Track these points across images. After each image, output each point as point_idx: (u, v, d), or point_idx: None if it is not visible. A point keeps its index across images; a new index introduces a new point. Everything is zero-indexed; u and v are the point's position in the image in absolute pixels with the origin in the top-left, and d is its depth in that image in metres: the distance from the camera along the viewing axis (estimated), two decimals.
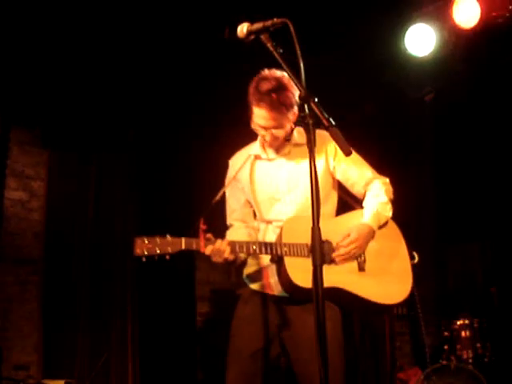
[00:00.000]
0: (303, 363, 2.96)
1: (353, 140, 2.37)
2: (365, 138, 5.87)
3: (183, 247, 2.84)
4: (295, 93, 2.93)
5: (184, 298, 5.63)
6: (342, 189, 3.24)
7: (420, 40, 5.21)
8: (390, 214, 3.13)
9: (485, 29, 5.00)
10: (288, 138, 3.09)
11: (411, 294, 3.08)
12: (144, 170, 5.47)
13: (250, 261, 3.20)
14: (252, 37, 2.54)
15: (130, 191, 5.41)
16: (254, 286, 3.16)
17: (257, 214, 3.21)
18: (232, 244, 2.89)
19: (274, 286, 3.06)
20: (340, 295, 2.97)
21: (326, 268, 2.73)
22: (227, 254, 2.88)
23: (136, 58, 5.01)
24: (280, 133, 3.00)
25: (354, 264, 3.01)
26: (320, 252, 2.24)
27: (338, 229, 3.04)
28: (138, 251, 2.83)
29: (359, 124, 5.86)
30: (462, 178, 6.24)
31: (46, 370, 4.84)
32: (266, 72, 2.99)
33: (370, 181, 3.18)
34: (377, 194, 3.14)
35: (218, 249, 2.86)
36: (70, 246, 5.12)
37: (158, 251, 2.83)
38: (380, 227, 3.08)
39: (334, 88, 5.33)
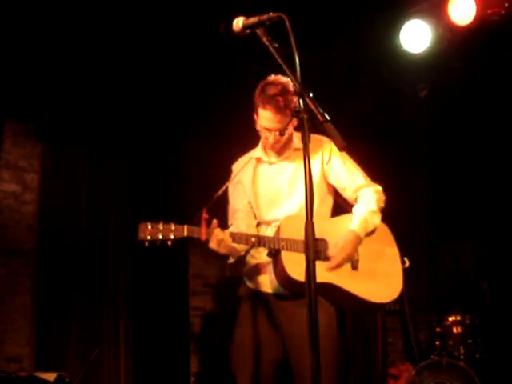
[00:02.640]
0: (301, 362, 3.02)
1: (346, 136, 2.38)
2: (358, 133, 5.90)
3: (185, 234, 2.92)
4: (295, 98, 2.98)
5: (177, 292, 5.62)
6: (337, 194, 3.38)
7: (415, 36, 5.22)
8: (378, 222, 3.25)
9: (480, 26, 5.02)
10: (288, 143, 3.23)
11: (401, 295, 3.23)
12: (138, 163, 5.46)
13: (249, 260, 3.31)
14: (247, 31, 2.55)
15: (123, 184, 5.40)
16: (251, 285, 3.28)
17: (257, 215, 3.31)
18: (232, 235, 2.99)
19: (269, 283, 3.18)
20: (332, 291, 3.08)
21: (320, 264, 2.88)
22: (228, 244, 2.98)
23: (131, 54, 5.01)
24: (283, 136, 3.14)
25: (348, 263, 3.14)
26: (313, 247, 2.26)
27: (333, 229, 3.18)
28: (141, 235, 2.91)
29: (353, 120, 5.85)
30: (456, 176, 6.25)
31: (38, 362, 4.83)
32: (273, 77, 3.13)
33: (361, 188, 3.30)
34: (367, 202, 3.26)
35: (220, 238, 2.95)
36: (63, 239, 5.10)
37: (161, 236, 2.90)
38: (369, 234, 3.21)
39: (329, 83, 5.33)
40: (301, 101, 2.36)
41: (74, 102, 5.15)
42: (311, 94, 2.38)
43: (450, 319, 5.22)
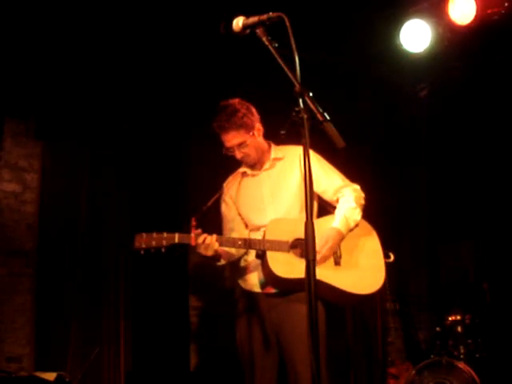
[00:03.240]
0: (293, 357, 3.30)
1: (346, 136, 2.38)
2: (358, 133, 5.90)
3: (176, 241, 3.22)
4: (249, 113, 3.43)
5: (177, 292, 5.62)
6: (321, 198, 3.58)
7: (415, 36, 5.22)
8: (358, 217, 3.45)
9: (480, 26, 5.01)
10: (263, 154, 3.53)
11: (383, 287, 3.39)
12: (138, 162, 5.46)
13: (241, 263, 3.56)
14: (247, 31, 2.56)
15: (123, 184, 5.40)
16: (244, 285, 3.51)
17: (247, 223, 3.56)
18: (218, 239, 3.25)
19: (258, 282, 3.43)
20: (318, 287, 3.10)
21: (303, 262, 2.91)
22: (216, 247, 3.24)
23: (131, 53, 5.00)
24: (245, 150, 3.43)
25: (331, 259, 3.35)
26: (313, 247, 2.29)
27: (316, 229, 3.22)
28: (136, 245, 3.21)
29: (353, 120, 5.86)
30: (455, 176, 6.24)
31: (38, 362, 4.84)
32: (220, 104, 3.48)
33: (340, 188, 3.52)
34: (346, 200, 3.47)
35: (207, 243, 3.22)
36: (64, 239, 5.10)
37: (154, 244, 3.19)
38: (351, 229, 3.42)
39: (329, 83, 5.33)
40: (300, 100, 2.36)
41: (75, 102, 5.15)
42: (311, 94, 2.38)
43: (450, 319, 5.22)
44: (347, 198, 3.48)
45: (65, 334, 4.94)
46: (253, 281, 3.46)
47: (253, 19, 2.54)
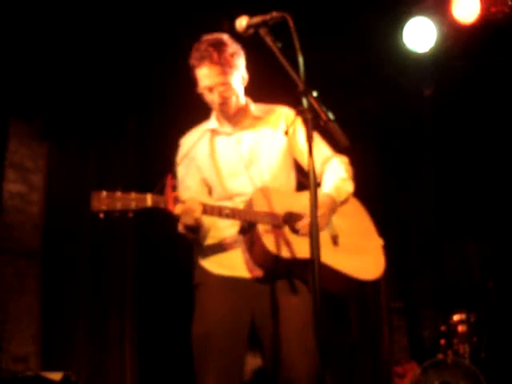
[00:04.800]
0: (287, 364, 2.77)
1: (351, 135, 2.39)
2: (362, 133, 5.91)
3: (149, 204, 2.62)
4: (237, 52, 2.92)
5: (183, 293, 5.62)
6: (298, 170, 3.12)
7: (419, 35, 5.21)
8: (350, 189, 3.01)
9: (484, 24, 5.01)
10: (242, 109, 2.99)
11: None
12: (145, 162, 5.46)
13: (209, 241, 2.99)
14: (251, 31, 2.56)
15: (129, 184, 5.40)
16: (220, 270, 2.95)
17: (216, 190, 3.01)
18: (204, 205, 2.69)
19: (245, 265, 2.87)
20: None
21: (300, 240, 2.72)
22: (198, 214, 2.66)
23: (134, 46, 5.00)
24: (228, 92, 2.89)
25: (327, 238, 2.88)
26: (318, 246, 2.19)
27: (300, 202, 2.87)
28: (95, 205, 2.57)
29: (357, 119, 5.86)
30: (461, 176, 6.24)
31: (44, 361, 4.86)
32: (205, 36, 2.95)
33: (328, 159, 3.06)
34: (335, 170, 3.03)
35: (189, 207, 2.64)
36: (69, 239, 5.12)
37: (119, 207, 2.58)
38: (342, 201, 2.95)
39: (332, 83, 5.33)
40: (304, 100, 2.37)
41: (80, 102, 5.16)
42: (315, 94, 2.39)
43: (455, 318, 5.21)
44: (336, 168, 3.04)
45: (71, 333, 4.96)
46: (232, 262, 2.89)
47: (256, 19, 2.55)
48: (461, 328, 5.15)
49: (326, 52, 5.26)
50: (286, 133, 2.74)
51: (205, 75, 2.87)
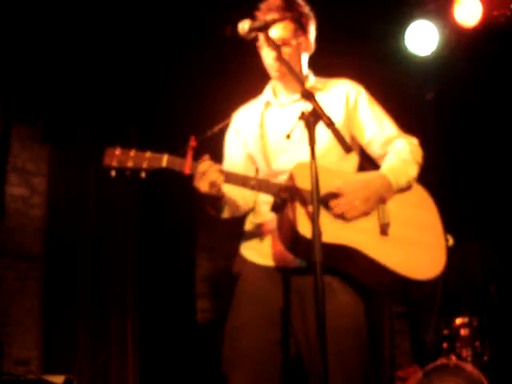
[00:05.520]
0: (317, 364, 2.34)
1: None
2: None
3: (163, 164, 2.47)
4: (311, 16, 2.80)
5: (184, 295, 5.63)
6: (363, 156, 2.87)
7: (421, 38, 5.21)
8: (413, 173, 2.70)
9: (486, 27, 5.00)
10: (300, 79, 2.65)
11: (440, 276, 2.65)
12: None
13: (247, 226, 2.80)
14: (253, 34, 2.56)
15: (132, 186, 5.40)
16: (255, 258, 2.72)
17: (261, 167, 2.79)
18: (225, 172, 2.48)
19: (283, 254, 2.57)
20: (352, 259, 2.48)
21: (337, 224, 2.46)
22: (218, 181, 2.44)
23: (138, 53, 5.01)
24: (290, 52, 2.68)
25: (375, 225, 2.54)
26: (320, 248, 2.11)
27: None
28: (107, 161, 2.52)
29: None
30: (463, 178, 6.23)
31: (46, 365, 4.85)
32: None
33: (392, 140, 2.77)
34: (398, 152, 2.73)
35: (205, 171, 2.43)
36: (71, 242, 5.12)
37: (131, 164, 2.47)
38: (402, 187, 2.65)
39: None
40: (307, 104, 2.35)
41: (81, 105, 5.16)
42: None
43: (458, 321, 5.20)
44: (399, 150, 2.72)
45: (72, 336, 4.95)
46: (266, 250, 2.64)
47: (259, 22, 2.55)
48: (463, 332, 5.14)
49: (326, 55, 5.25)
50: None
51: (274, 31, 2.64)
